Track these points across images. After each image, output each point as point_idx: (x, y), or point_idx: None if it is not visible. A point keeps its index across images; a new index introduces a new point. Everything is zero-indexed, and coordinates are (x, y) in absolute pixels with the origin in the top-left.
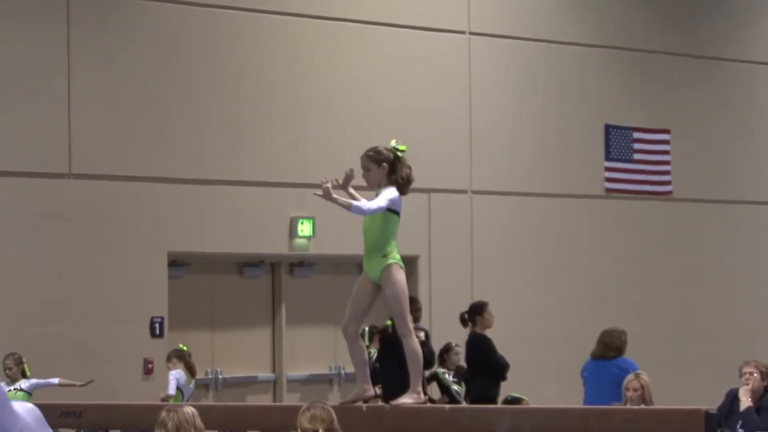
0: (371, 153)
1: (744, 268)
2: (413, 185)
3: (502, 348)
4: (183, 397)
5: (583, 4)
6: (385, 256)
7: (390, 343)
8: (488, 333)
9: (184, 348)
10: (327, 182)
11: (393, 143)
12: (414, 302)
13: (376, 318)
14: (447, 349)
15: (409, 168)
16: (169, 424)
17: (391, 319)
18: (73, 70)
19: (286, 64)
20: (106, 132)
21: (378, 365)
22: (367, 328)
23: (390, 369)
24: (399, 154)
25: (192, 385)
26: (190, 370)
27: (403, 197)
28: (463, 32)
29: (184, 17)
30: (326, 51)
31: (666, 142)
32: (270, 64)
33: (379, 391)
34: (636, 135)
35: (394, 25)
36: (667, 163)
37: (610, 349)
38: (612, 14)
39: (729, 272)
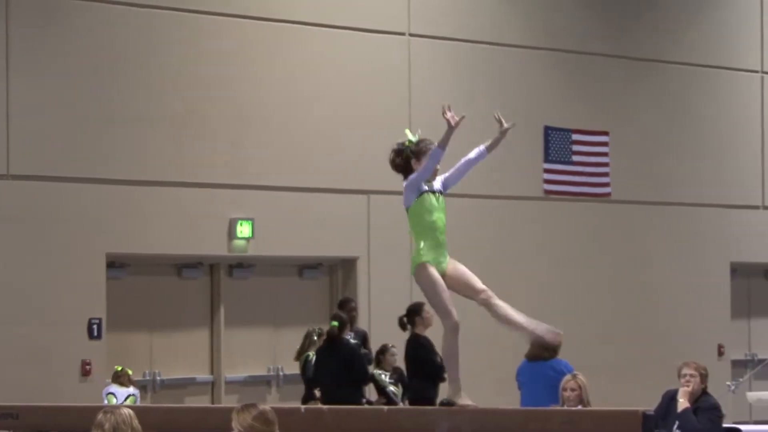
0: None
1: (681, 269)
2: (353, 186)
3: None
4: (116, 400)
5: (522, 6)
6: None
7: (330, 344)
8: (428, 334)
9: (119, 368)
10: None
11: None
12: (348, 302)
13: (316, 321)
14: (383, 351)
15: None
16: (106, 426)
17: (335, 319)
18: (11, 71)
19: (224, 65)
20: (44, 133)
21: (316, 368)
22: (307, 332)
23: (329, 371)
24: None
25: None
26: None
27: (343, 198)
28: (402, 34)
29: (123, 18)
30: (265, 52)
31: (604, 143)
32: (208, 65)
33: (318, 393)
34: (575, 137)
35: (334, 26)
36: (605, 164)
37: (545, 349)
38: (551, 17)
39: (666, 273)
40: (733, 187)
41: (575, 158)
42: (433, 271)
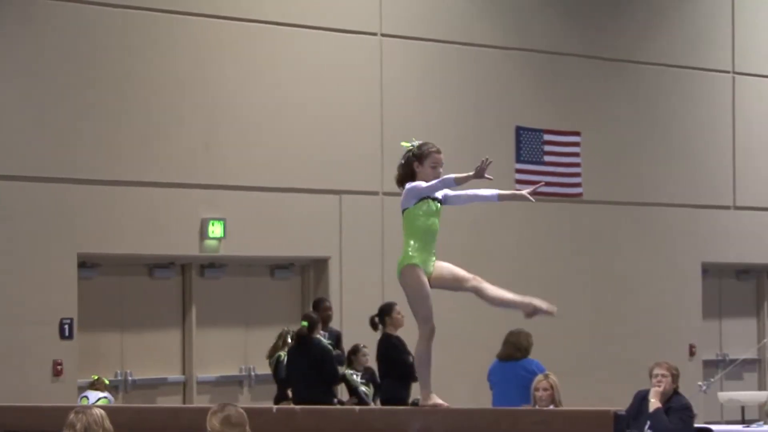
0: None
1: (653, 269)
2: (325, 186)
3: (412, 349)
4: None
5: (494, 6)
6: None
7: (301, 344)
8: (401, 333)
9: (96, 377)
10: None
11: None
12: (322, 302)
13: (288, 321)
14: (355, 351)
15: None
16: (78, 426)
17: (305, 319)
18: None
19: (197, 65)
20: (16, 132)
21: (288, 368)
22: (281, 332)
23: (300, 371)
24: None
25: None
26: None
27: (315, 198)
28: (374, 34)
29: (96, 18)
30: (238, 52)
31: (576, 144)
32: (181, 65)
33: (290, 393)
34: (546, 137)
35: (306, 26)
36: (577, 165)
37: (517, 349)
38: (523, 17)
39: (638, 274)
40: (705, 188)
41: (547, 158)
42: (421, 274)
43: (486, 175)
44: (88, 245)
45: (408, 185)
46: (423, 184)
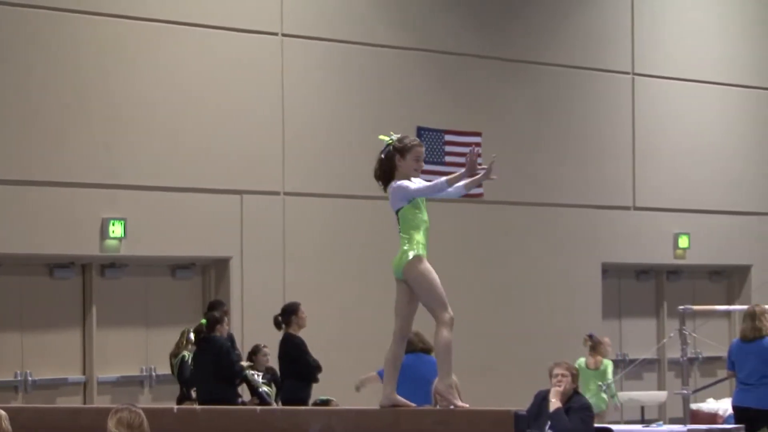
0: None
1: (553, 269)
2: (226, 186)
3: (314, 350)
4: None
5: (395, 6)
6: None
7: (202, 343)
8: (302, 334)
9: None
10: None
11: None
12: (219, 305)
13: (189, 321)
14: (255, 351)
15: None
16: None
17: (205, 318)
18: None
19: (98, 64)
20: None
21: (192, 368)
22: (182, 331)
23: (203, 370)
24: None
25: None
26: None
27: (216, 198)
28: (275, 34)
29: None
30: (138, 52)
31: (477, 144)
32: (82, 65)
33: (194, 394)
34: (448, 137)
35: (207, 26)
36: (478, 165)
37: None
38: (424, 17)
39: (538, 274)
40: (605, 189)
41: (448, 159)
42: (429, 265)
43: (477, 168)
44: None
45: (395, 185)
46: (411, 185)
